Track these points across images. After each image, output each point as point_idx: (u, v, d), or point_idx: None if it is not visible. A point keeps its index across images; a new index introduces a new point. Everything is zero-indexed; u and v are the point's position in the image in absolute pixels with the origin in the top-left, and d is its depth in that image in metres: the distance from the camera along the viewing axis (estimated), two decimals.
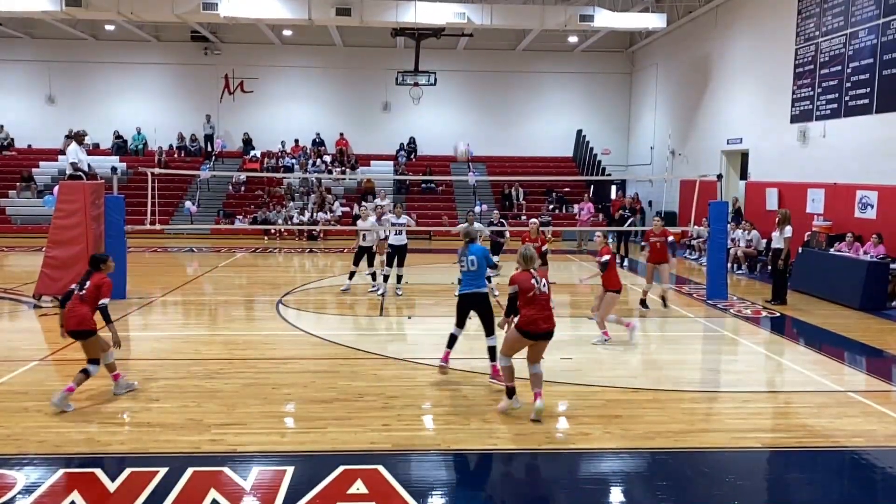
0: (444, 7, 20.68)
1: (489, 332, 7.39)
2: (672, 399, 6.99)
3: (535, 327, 6.25)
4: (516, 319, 6.41)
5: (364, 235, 12.79)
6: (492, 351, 7.37)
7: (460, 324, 7.48)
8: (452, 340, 7.50)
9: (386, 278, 12.68)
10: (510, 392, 6.52)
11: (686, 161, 23.21)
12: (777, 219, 12.42)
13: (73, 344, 8.83)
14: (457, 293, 7.75)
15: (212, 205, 25.50)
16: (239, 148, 28.42)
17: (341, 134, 28.42)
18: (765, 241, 16.19)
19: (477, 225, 13.02)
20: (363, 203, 24.03)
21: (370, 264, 13.03)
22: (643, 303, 11.75)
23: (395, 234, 12.60)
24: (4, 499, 4.70)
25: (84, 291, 6.62)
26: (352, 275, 13.08)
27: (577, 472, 5.44)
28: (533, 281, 6.33)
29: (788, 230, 12.13)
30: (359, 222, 13.12)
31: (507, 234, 13.78)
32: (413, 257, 14.35)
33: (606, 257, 9.38)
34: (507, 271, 15.57)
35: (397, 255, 12.62)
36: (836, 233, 14.29)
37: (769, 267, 12.83)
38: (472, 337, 9.60)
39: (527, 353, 6.41)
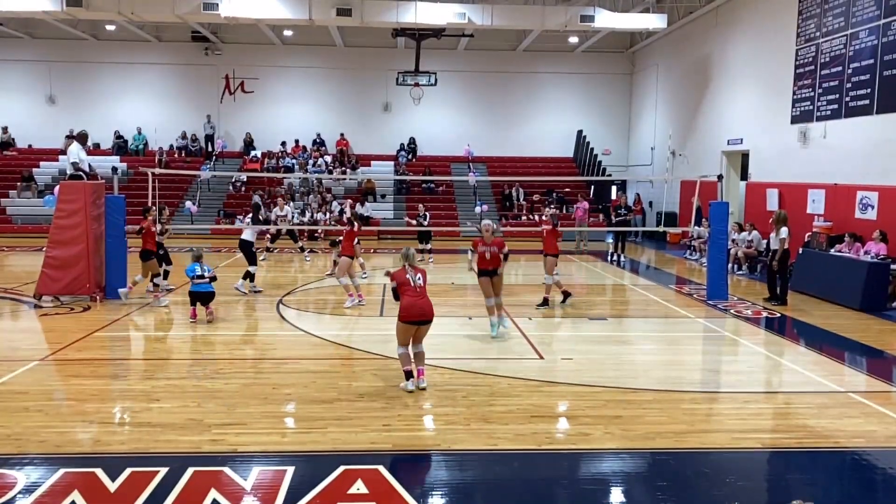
0: (445, 7, 20.68)
1: None
2: (672, 399, 6.99)
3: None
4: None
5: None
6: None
7: None
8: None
9: None
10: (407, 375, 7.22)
11: (686, 161, 23.21)
12: (772, 220, 12.39)
13: (74, 344, 8.87)
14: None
15: (212, 205, 25.50)
16: (240, 148, 28.44)
17: (342, 134, 28.43)
18: (765, 241, 16.22)
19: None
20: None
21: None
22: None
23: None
24: (5, 498, 4.70)
25: None
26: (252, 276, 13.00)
27: (577, 473, 5.44)
28: (408, 276, 7.14)
29: (784, 231, 12.06)
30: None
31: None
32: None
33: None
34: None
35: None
36: (837, 233, 14.29)
37: (760, 267, 12.87)
38: (473, 338, 9.61)
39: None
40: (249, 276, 12.92)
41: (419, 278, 7.17)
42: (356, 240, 12.44)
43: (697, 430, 6.19)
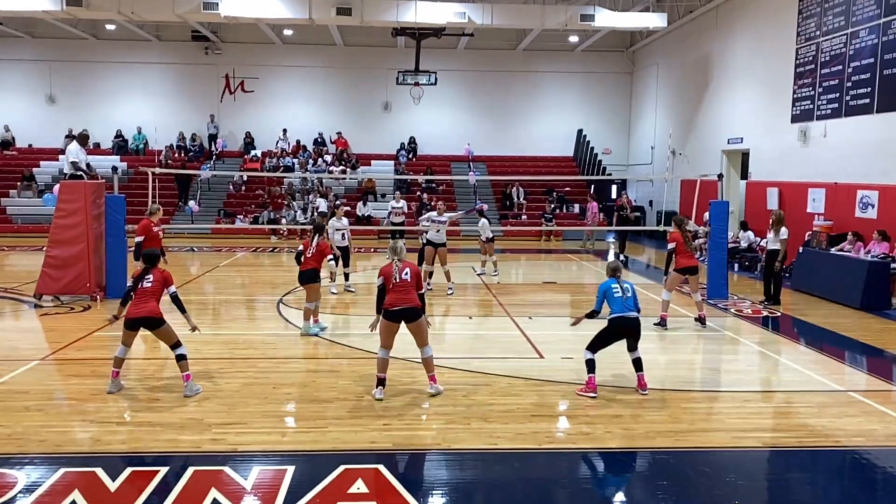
0: (445, 7, 20.68)
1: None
2: (673, 399, 6.99)
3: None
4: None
5: (343, 235, 13.02)
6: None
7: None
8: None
9: (430, 275, 12.84)
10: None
11: (686, 161, 23.21)
12: (771, 220, 12.32)
13: (74, 343, 8.87)
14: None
15: (213, 204, 25.51)
16: (240, 148, 28.43)
17: (339, 133, 28.42)
18: (763, 241, 16.21)
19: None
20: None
21: (346, 265, 13.15)
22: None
23: (436, 233, 12.95)
24: (5, 498, 4.71)
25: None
26: (346, 276, 13.19)
27: (577, 472, 5.45)
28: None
29: (784, 232, 12.00)
30: (332, 221, 13.02)
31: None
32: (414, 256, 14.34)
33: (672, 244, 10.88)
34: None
35: (438, 253, 12.91)
36: (837, 232, 14.29)
37: (761, 267, 12.86)
38: (473, 337, 9.60)
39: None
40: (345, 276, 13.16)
41: (406, 273, 6.78)
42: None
43: (698, 430, 6.20)
